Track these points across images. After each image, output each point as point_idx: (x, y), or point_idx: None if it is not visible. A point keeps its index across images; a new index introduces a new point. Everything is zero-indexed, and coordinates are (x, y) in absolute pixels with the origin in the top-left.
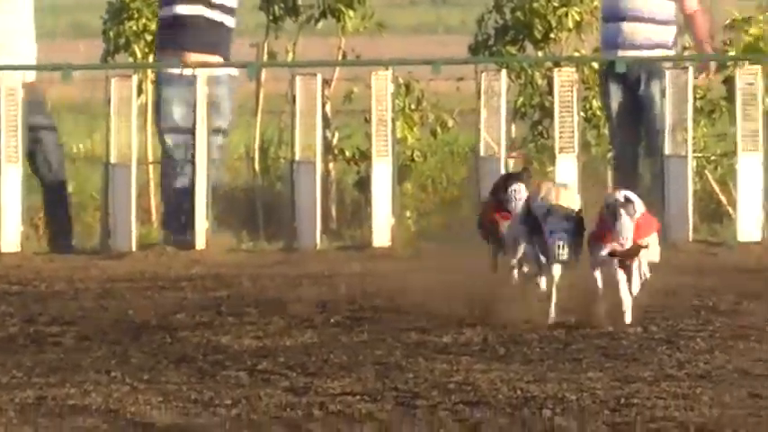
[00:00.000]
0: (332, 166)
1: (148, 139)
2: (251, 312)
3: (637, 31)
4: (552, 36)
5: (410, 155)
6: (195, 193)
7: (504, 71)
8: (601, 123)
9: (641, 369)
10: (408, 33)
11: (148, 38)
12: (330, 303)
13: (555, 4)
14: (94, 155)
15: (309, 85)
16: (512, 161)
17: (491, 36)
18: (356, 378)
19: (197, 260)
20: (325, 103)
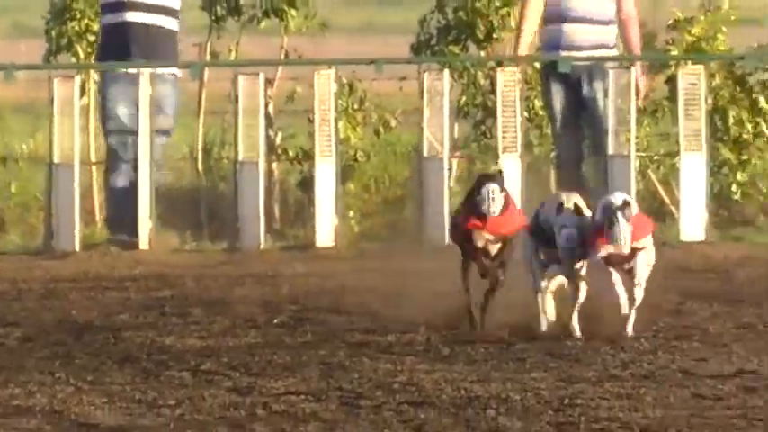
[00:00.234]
0: (275, 166)
1: (91, 139)
2: (195, 312)
3: (578, 32)
4: (495, 36)
5: (353, 155)
6: (138, 193)
7: (447, 71)
8: (544, 123)
9: (585, 369)
10: (351, 33)
11: (91, 38)
12: (273, 303)
13: (497, 4)
14: (38, 155)
15: (252, 84)
16: (455, 161)
17: (434, 36)
18: (300, 378)
19: (140, 260)
20: (267, 103)
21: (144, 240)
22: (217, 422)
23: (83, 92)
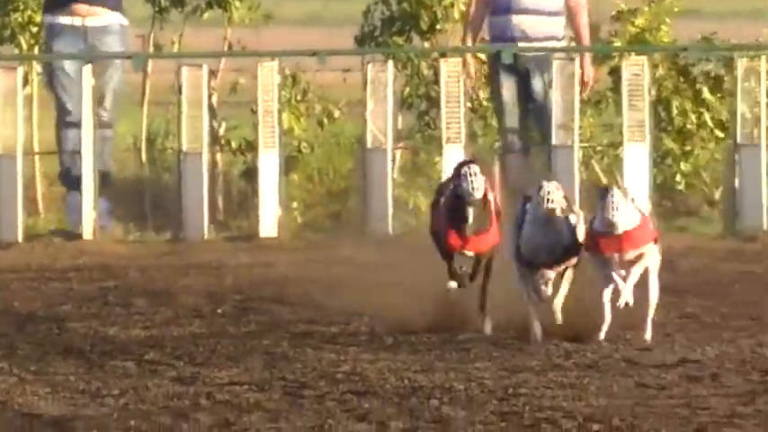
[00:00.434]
0: (219, 157)
1: (35, 130)
2: (138, 303)
3: (525, 23)
4: (438, 27)
5: (297, 146)
6: (82, 184)
7: (391, 62)
8: (488, 114)
9: (529, 359)
10: (295, 25)
11: (34, 29)
12: (217, 294)
13: None
14: None
15: (196, 76)
16: (398, 152)
17: (377, 27)
18: (244, 368)
19: (84, 251)
20: (211, 95)
21: (88, 231)
22: (160, 412)
23: (26, 83)
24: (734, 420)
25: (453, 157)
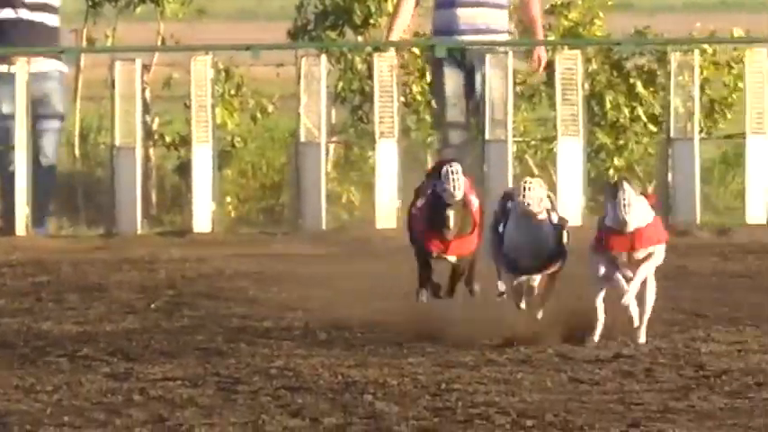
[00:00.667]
0: (152, 152)
1: None
2: (71, 298)
3: (469, 16)
4: (372, 21)
5: (230, 140)
6: (15, 180)
7: (324, 56)
8: (421, 108)
9: (462, 354)
10: (228, 19)
11: None
12: (151, 289)
13: None
14: None
15: (129, 70)
16: (332, 146)
17: (311, 21)
18: (177, 363)
19: (17, 246)
20: (144, 89)
21: (20, 226)
22: (94, 407)
23: None
24: (667, 415)
25: (386, 151)
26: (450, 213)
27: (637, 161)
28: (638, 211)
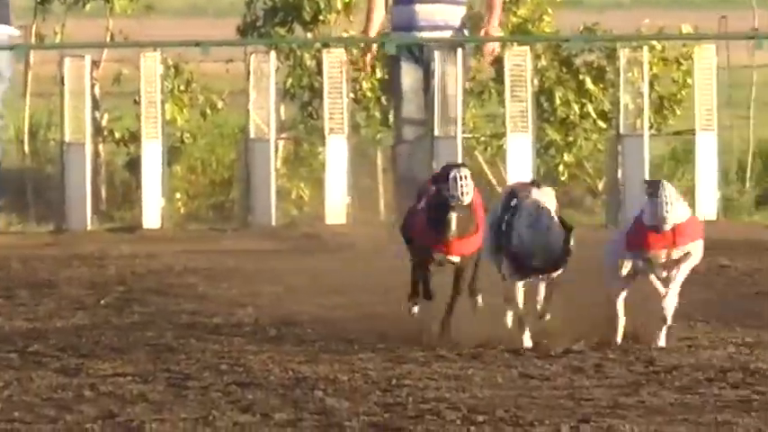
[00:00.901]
0: (102, 148)
1: None
2: (21, 294)
3: (427, 12)
4: (321, 17)
5: (180, 136)
6: None
7: (274, 52)
8: (371, 105)
9: (413, 350)
10: (178, 15)
11: None
12: (100, 285)
13: None
14: None
15: (78, 66)
16: (281, 143)
17: (260, 18)
18: (128, 359)
19: None
20: (94, 85)
21: None
22: (44, 403)
23: None
24: (617, 411)
25: (336, 148)
26: (453, 217)
27: (586, 157)
28: (678, 208)
